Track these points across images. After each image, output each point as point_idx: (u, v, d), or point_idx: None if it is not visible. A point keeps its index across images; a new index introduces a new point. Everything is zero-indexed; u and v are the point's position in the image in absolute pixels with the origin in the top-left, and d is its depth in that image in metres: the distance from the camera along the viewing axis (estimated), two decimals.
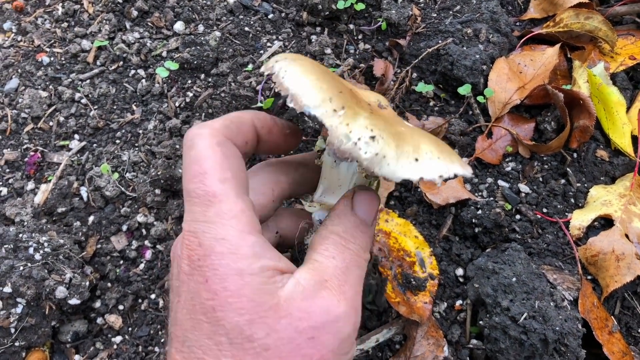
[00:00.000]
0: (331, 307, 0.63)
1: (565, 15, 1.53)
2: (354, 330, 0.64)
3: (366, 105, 0.69)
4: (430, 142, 0.67)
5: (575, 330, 1.11)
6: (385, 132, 0.63)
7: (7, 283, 1.14)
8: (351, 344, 0.65)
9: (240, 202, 0.67)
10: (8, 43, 1.57)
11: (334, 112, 0.63)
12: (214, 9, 1.54)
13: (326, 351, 0.62)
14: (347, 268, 0.67)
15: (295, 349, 0.61)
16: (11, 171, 1.41)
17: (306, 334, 0.62)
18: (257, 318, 0.62)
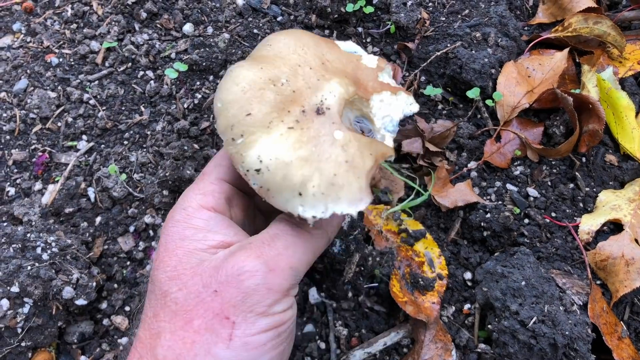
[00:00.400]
0: (238, 263, 0.64)
1: (574, 20, 1.53)
2: (266, 289, 0.63)
3: (294, 115, 0.70)
4: (332, 169, 0.66)
5: (584, 335, 1.11)
6: (275, 164, 0.65)
7: (15, 283, 1.14)
8: (265, 304, 0.63)
9: (216, 184, 0.76)
10: (17, 44, 1.58)
11: (233, 141, 0.67)
12: (223, 11, 1.54)
13: (227, 304, 0.62)
14: (275, 235, 0.69)
15: (200, 303, 0.63)
16: (19, 171, 1.41)
17: (211, 288, 0.64)
18: (175, 275, 0.66)
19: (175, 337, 0.63)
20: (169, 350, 0.62)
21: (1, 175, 1.41)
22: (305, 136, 0.68)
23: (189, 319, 0.63)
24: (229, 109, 0.69)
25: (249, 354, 0.62)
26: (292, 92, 0.72)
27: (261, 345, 0.63)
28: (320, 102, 0.73)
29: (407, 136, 1.37)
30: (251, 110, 0.68)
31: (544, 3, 1.63)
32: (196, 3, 1.56)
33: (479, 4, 1.60)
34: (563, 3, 1.59)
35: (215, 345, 0.61)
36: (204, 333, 0.62)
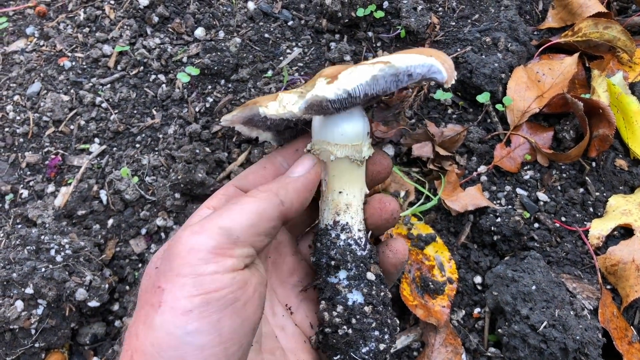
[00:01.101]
0: (175, 237, 0.66)
1: (584, 25, 1.53)
2: (189, 248, 0.63)
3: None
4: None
5: (595, 339, 1.11)
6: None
7: (29, 284, 1.15)
8: (189, 263, 0.63)
9: (225, 188, 0.81)
10: (30, 47, 1.59)
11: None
12: (235, 16, 1.55)
13: (160, 275, 0.64)
14: (217, 209, 0.72)
15: (148, 281, 0.68)
16: (32, 174, 1.43)
17: (155, 265, 0.68)
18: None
19: (133, 319, 0.66)
20: (127, 330, 0.66)
21: (15, 178, 1.42)
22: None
23: (139, 298, 0.68)
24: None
25: (176, 319, 0.61)
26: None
27: (187, 311, 0.61)
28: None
29: (418, 140, 1.38)
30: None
31: (553, 8, 1.64)
32: (208, 7, 1.58)
33: (488, 8, 1.60)
34: (573, 8, 1.59)
35: (149, 315, 0.62)
36: (146, 307, 0.64)
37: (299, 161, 0.82)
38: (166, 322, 0.61)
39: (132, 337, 0.63)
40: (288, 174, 0.80)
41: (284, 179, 0.78)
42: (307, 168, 0.80)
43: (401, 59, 0.73)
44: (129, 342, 0.63)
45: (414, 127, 1.43)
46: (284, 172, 0.83)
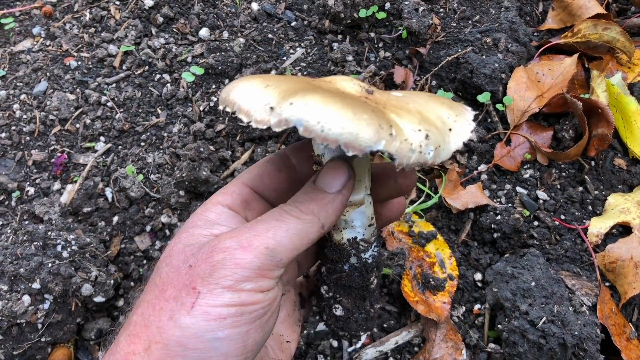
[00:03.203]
0: (216, 242, 0.67)
1: (583, 26, 1.55)
2: (235, 264, 0.64)
3: (371, 103, 0.66)
4: (433, 102, 0.69)
5: (594, 335, 1.12)
6: (424, 123, 0.63)
7: (36, 279, 1.17)
8: (233, 278, 0.64)
9: (237, 186, 0.79)
10: (37, 47, 1.62)
11: (391, 137, 0.60)
12: (239, 16, 1.57)
13: (196, 277, 0.65)
14: (260, 220, 0.70)
15: (176, 275, 0.67)
16: (38, 171, 1.45)
17: (188, 263, 0.67)
18: (167, 254, 0.71)
19: (148, 305, 0.66)
20: (140, 316, 0.66)
21: (21, 175, 1.44)
22: (396, 106, 0.67)
23: (163, 290, 0.67)
24: (359, 116, 0.60)
25: (208, 324, 0.63)
26: (342, 93, 0.68)
27: (221, 318, 0.63)
28: (360, 87, 0.72)
29: None
30: (365, 109, 0.61)
31: (553, 9, 1.66)
32: (212, 8, 1.60)
33: (489, 10, 1.62)
34: (572, 9, 1.61)
35: (178, 311, 0.63)
36: (172, 301, 0.65)
37: (333, 172, 0.74)
38: (197, 324, 0.62)
39: (150, 328, 0.64)
40: (325, 188, 0.73)
41: (322, 197, 0.73)
42: (343, 182, 0.74)
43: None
44: (146, 331, 0.64)
45: None
46: (300, 177, 0.81)
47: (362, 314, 0.84)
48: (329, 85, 0.72)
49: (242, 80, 0.68)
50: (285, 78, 0.71)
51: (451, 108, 0.68)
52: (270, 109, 0.61)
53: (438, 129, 0.64)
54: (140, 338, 0.64)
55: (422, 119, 0.64)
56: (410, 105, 0.67)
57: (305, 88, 0.65)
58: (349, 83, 0.73)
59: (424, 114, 0.66)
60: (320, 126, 0.58)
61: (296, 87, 0.65)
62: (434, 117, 0.66)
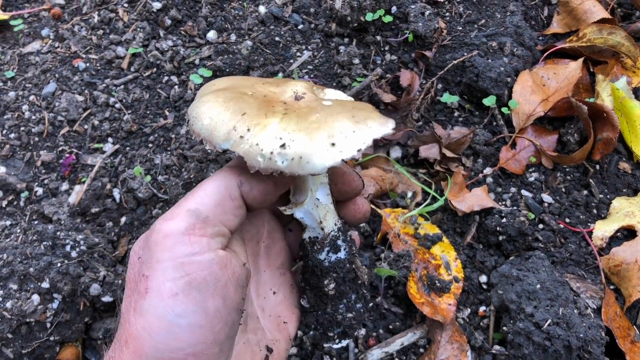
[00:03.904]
0: (151, 228, 0.68)
1: (588, 31, 1.56)
2: (164, 235, 0.66)
3: (279, 107, 0.71)
4: (345, 114, 0.69)
5: (598, 337, 1.13)
6: (295, 132, 0.66)
7: (46, 279, 1.18)
8: (167, 249, 0.65)
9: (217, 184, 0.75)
10: (46, 49, 1.63)
11: (241, 138, 0.66)
12: (246, 19, 1.58)
13: (143, 264, 0.67)
14: (188, 194, 0.73)
15: (132, 271, 0.69)
16: (47, 172, 1.46)
17: (137, 254, 0.69)
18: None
19: (123, 308, 0.69)
20: (121, 316, 0.69)
21: (30, 176, 1.45)
22: (302, 113, 0.70)
23: (128, 289, 0.69)
24: (221, 117, 0.69)
25: (164, 303, 0.64)
26: (264, 97, 0.74)
27: (173, 294, 0.64)
28: (294, 93, 0.77)
29: (425, 142, 1.41)
30: (243, 109, 0.69)
31: (558, 14, 1.67)
32: (220, 11, 1.61)
33: (495, 14, 1.63)
34: (577, 14, 1.62)
35: (137, 301, 0.65)
36: (133, 294, 0.67)
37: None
38: (154, 306, 0.64)
39: (125, 324, 0.66)
40: None
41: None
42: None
43: None
44: (122, 328, 0.67)
45: (421, 130, 1.46)
46: None
47: (325, 314, 0.86)
48: (262, 89, 0.78)
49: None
50: (237, 82, 0.80)
51: (357, 123, 0.68)
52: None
53: (312, 141, 0.66)
54: (120, 336, 0.67)
55: (302, 129, 0.67)
56: (314, 116, 0.69)
57: (225, 88, 0.77)
58: (291, 87, 0.78)
59: (317, 125, 0.68)
60: (193, 120, 0.71)
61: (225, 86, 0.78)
62: (325, 130, 0.67)
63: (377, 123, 0.69)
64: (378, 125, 0.68)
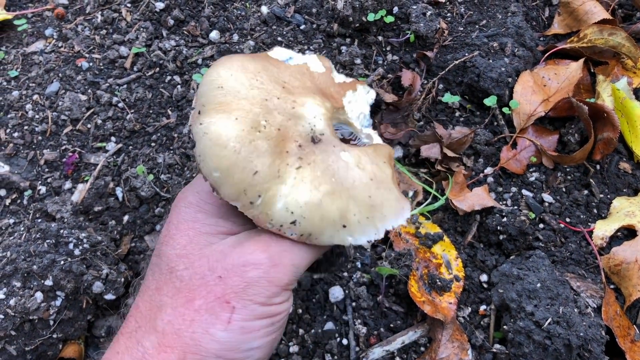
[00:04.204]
0: (245, 254, 0.68)
1: (589, 31, 1.57)
2: (267, 281, 0.67)
3: (293, 157, 0.68)
4: (363, 189, 0.67)
5: (598, 336, 1.14)
6: (307, 208, 0.65)
7: (49, 276, 1.19)
8: (264, 294, 0.67)
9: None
10: (49, 49, 1.64)
11: (251, 204, 0.66)
12: (248, 19, 1.59)
13: (229, 291, 0.67)
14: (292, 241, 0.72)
15: (203, 285, 0.68)
16: (50, 171, 1.47)
17: (217, 272, 0.68)
18: (184, 254, 0.71)
19: (175, 313, 0.67)
20: (169, 324, 0.67)
21: (33, 175, 1.46)
22: (317, 170, 0.68)
23: (191, 298, 0.68)
24: (232, 174, 0.66)
25: (244, 337, 0.66)
26: (278, 131, 0.69)
27: (255, 330, 0.67)
28: (310, 130, 0.71)
29: (426, 142, 1.41)
30: (255, 167, 0.65)
31: (559, 15, 1.67)
32: (222, 11, 1.62)
33: (496, 14, 1.64)
34: (578, 15, 1.63)
35: (214, 325, 0.66)
36: (204, 313, 0.66)
37: None
38: (234, 338, 0.66)
39: (183, 339, 0.66)
40: None
41: None
42: None
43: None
44: (179, 341, 0.66)
45: (423, 129, 1.46)
46: None
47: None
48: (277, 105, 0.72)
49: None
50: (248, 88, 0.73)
51: (372, 208, 0.67)
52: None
53: (323, 222, 0.66)
54: (173, 348, 0.66)
55: (315, 204, 0.65)
56: (329, 184, 0.67)
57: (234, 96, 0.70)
58: (307, 110, 0.73)
59: (331, 199, 0.66)
60: (199, 159, 0.67)
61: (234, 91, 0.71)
62: (338, 208, 0.66)
63: (393, 212, 0.67)
64: (393, 216, 0.67)
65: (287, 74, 0.77)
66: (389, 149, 0.74)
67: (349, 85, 0.81)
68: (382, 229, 0.67)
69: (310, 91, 0.75)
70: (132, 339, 0.68)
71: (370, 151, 0.72)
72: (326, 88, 0.79)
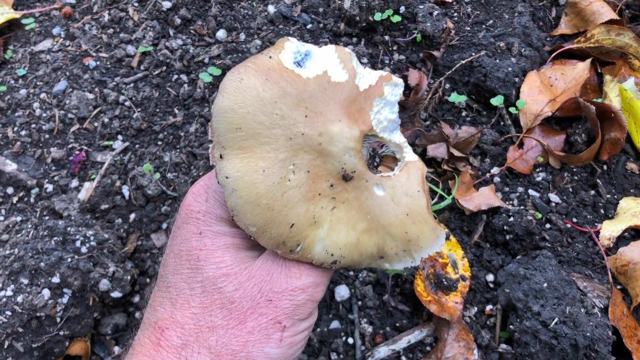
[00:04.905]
0: (293, 278, 0.72)
1: (596, 32, 1.56)
2: (311, 301, 0.73)
3: (326, 199, 0.68)
4: (398, 227, 0.68)
5: (605, 336, 1.13)
6: (346, 249, 0.69)
7: (56, 274, 1.19)
8: (308, 312, 0.73)
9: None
10: (57, 47, 1.65)
11: (291, 252, 0.69)
12: (255, 19, 1.60)
13: (281, 312, 0.71)
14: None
15: (254, 306, 0.71)
16: (57, 169, 1.47)
17: (266, 296, 0.71)
18: (232, 274, 0.72)
19: (229, 335, 0.70)
20: (224, 346, 0.70)
21: (40, 173, 1.47)
22: (352, 209, 0.68)
23: (243, 320, 0.71)
24: (268, 230, 0.67)
25: (291, 350, 0.73)
26: (307, 173, 0.67)
27: (299, 342, 0.74)
28: (341, 169, 0.69)
29: (432, 141, 1.41)
30: (290, 220, 0.66)
31: (566, 15, 1.67)
32: (229, 10, 1.62)
33: (502, 14, 1.64)
34: (585, 15, 1.62)
35: (267, 344, 0.71)
36: (257, 334, 0.71)
37: None
38: (285, 354, 0.72)
39: (237, 357, 0.70)
40: None
41: None
42: None
43: None
44: (231, 359, 0.70)
45: (429, 129, 1.46)
46: None
47: None
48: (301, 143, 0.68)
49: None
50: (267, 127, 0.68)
51: (408, 242, 0.69)
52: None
53: (361, 257, 0.69)
54: (221, 354, 0.70)
55: (352, 244, 0.69)
56: (365, 221, 0.69)
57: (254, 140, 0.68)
58: (335, 144, 0.69)
59: (368, 236, 0.69)
60: (236, 218, 0.68)
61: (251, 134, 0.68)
62: (375, 244, 0.69)
63: (429, 243, 0.70)
64: (429, 247, 0.70)
65: (307, 94, 0.69)
66: (421, 169, 0.72)
67: (375, 90, 0.73)
68: (419, 258, 0.70)
69: (334, 114, 0.69)
70: (178, 355, 0.70)
71: (403, 180, 0.69)
72: (352, 103, 0.71)
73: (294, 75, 0.69)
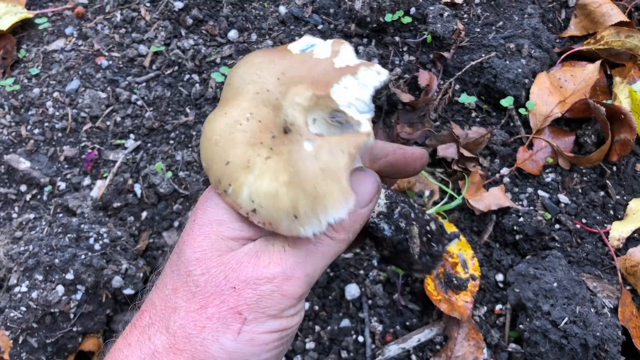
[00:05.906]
0: (260, 267, 0.68)
1: (606, 33, 1.57)
2: (280, 295, 0.67)
3: (264, 148, 0.70)
4: (310, 182, 0.67)
5: (615, 336, 1.14)
6: (264, 200, 0.68)
7: (70, 270, 1.21)
8: (277, 307, 0.68)
9: None
10: (69, 47, 1.66)
11: (225, 193, 0.70)
12: (267, 19, 1.61)
13: (242, 302, 0.67)
14: (295, 244, 0.71)
15: (217, 293, 0.68)
16: (69, 167, 1.49)
17: (231, 283, 0.68)
18: (203, 259, 0.70)
19: (188, 317, 0.68)
20: (181, 328, 0.67)
21: (53, 171, 1.48)
22: (282, 161, 0.68)
23: (204, 305, 0.68)
24: (212, 165, 0.70)
25: (252, 349, 0.67)
26: (259, 122, 0.71)
27: (265, 343, 0.67)
28: (284, 121, 0.71)
29: (442, 142, 1.42)
30: (228, 157, 0.69)
31: (576, 17, 1.68)
32: (241, 11, 1.64)
33: (512, 16, 1.65)
34: (595, 17, 1.63)
35: (224, 334, 0.66)
36: (215, 321, 0.67)
37: (363, 187, 0.75)
38: (243, 349, 0.67)
39: (193, 344, 0.67)
40: (357, 204, 0.73)
41: (353, 213, 0.73)
42: (373, 193, 0.76)
43: None
44: (189, 346, 0.67)
45: (439, 129, 1.47)
46: None
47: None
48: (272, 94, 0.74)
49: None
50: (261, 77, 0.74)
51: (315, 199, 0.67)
52: None
53: (277, 212, 0.67)
54: (182, 352, 0.67)
55: (272, 195, 0.68)
56: (287, 173, 0.68)
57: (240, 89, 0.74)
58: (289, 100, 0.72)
59: (285, 190, 0.67)
60: (202, 158, 0.72)
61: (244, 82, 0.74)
62: (289, 200, 0.67)
63: (334, 204, 0.66)
64: (333, 208, 0.66)
65: (288, 64, 0.75)
66: (358, 138, 0.69)
67: (349, 69, 0.75)
68: (324, 221, 0.66)
69: (299, 81, 0.73)
70: (145, 334, 0.69)
71: (335, 140, 0.69)
72: (322, 75, 0.75)
73: (287, 52, 0.77)
